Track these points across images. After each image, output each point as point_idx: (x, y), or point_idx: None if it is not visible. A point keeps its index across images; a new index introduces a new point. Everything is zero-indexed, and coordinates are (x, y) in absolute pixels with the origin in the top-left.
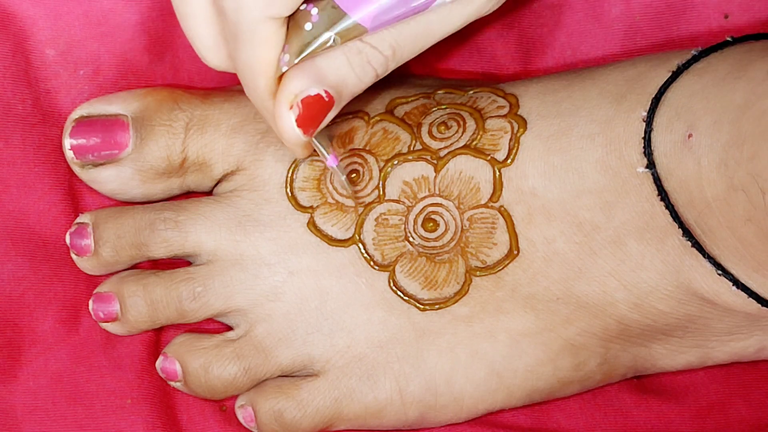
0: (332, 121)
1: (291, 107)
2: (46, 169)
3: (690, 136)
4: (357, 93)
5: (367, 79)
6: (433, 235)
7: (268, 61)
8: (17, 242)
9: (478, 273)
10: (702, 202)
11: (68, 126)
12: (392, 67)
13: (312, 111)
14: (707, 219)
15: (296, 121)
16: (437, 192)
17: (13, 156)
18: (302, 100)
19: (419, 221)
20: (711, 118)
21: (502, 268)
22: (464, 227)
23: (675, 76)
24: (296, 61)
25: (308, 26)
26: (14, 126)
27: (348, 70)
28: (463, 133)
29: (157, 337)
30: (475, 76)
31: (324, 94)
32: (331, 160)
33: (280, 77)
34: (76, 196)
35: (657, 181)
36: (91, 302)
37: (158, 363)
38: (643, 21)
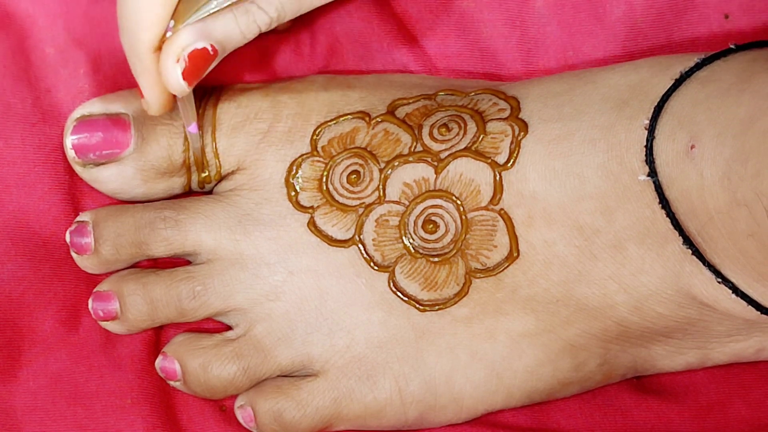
0: (334, 120)
1: (178, 60)
2: (46, 168)
3: (693, 147)
4: (237, 47)
5: (250, 36)
6: (433, 237)
7: (159, 16)
8: (17, 242)
9: (478, 275)
10: (704, 212)
11: (69, 125)
12: (274, 25)
13: (197, 64)
14: (709, 229)
15: (182, 73)
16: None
17: (13, 155)
18: (189, 54)
19: (419, 222)
20: (714, 131)
21: (502, 270)
22: (464, 229)
23: (677, 84)
24: (189, 21)
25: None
26: (14, 125)
27: (234, 27)
28: (464, 136)
29: (157, 337)
30: (476, 75)
31: (209, 48)
32: (193, 127)
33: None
34: (76, 196)
35: (658, 189)
36: (90, 301)
37: (157, 362)
38: (645, 22)
